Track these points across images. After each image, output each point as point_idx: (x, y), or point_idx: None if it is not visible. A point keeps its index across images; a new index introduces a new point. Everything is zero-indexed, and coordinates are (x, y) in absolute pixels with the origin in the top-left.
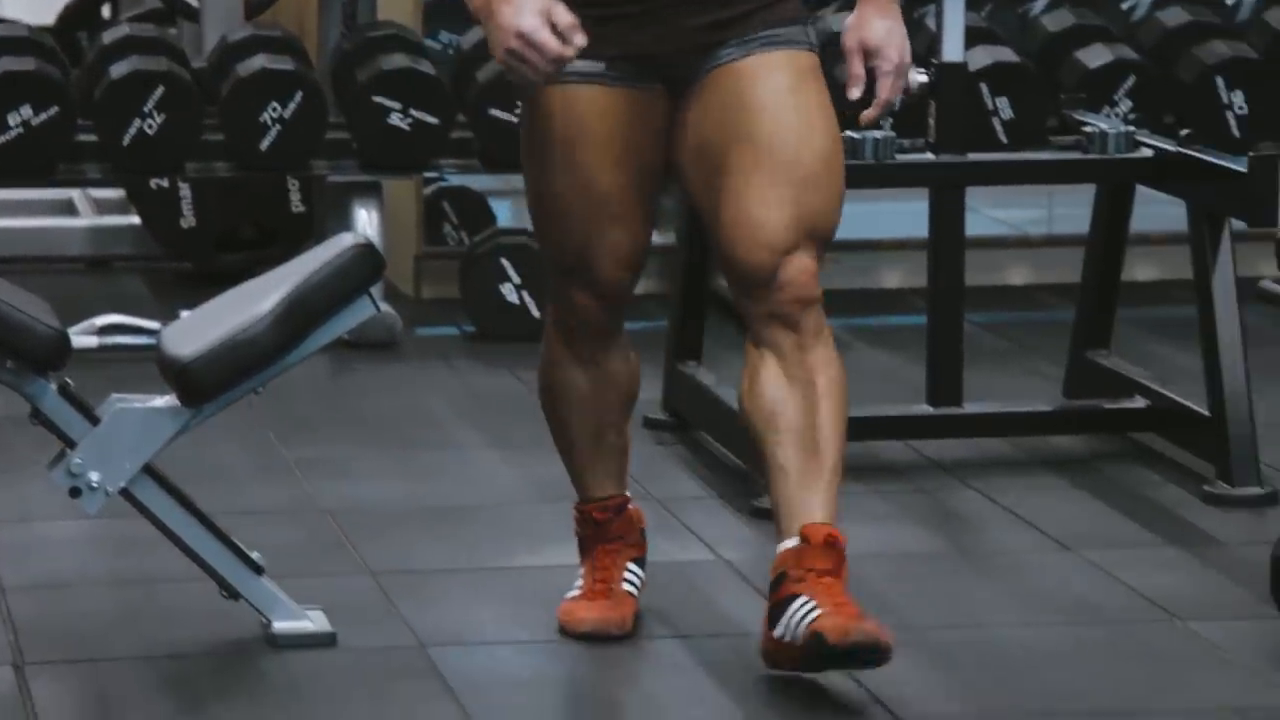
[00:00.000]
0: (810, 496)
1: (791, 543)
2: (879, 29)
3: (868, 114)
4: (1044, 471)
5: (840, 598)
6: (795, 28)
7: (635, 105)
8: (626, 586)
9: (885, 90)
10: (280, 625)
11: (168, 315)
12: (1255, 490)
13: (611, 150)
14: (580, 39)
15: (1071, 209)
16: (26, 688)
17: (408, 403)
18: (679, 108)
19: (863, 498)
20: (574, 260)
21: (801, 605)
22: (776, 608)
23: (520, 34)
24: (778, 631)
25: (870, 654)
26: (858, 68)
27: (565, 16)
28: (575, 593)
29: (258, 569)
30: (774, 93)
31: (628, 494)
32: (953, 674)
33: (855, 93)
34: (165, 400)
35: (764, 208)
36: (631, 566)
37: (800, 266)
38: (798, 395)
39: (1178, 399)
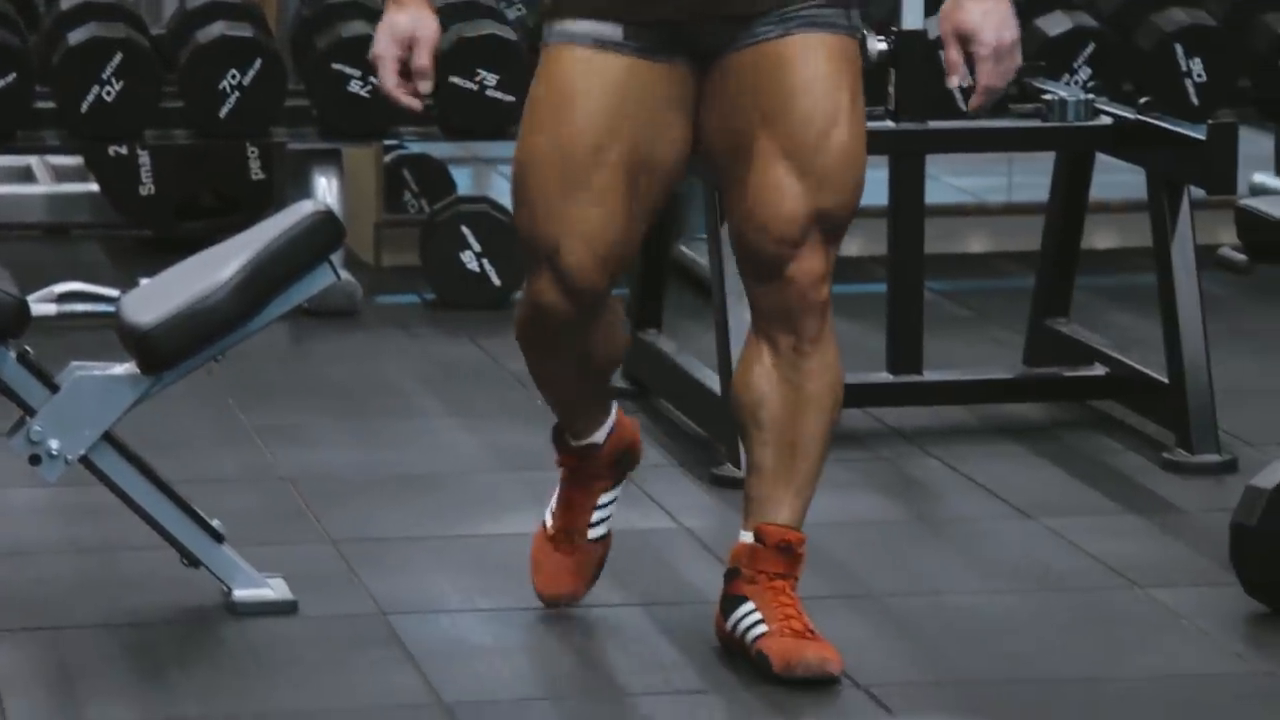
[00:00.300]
0: (775, 497)
1: (748, 538)
2: (974, 12)
3: (972, 102)
4: (1004, 439)
5: (789, 608)
6: (836, 10)
7: (653, 79)
8: (594, 533)
9: (985, 76)
10: (241, 593)
11: (127, 283)
12: (1214, 457)
13: (612, 124)
14: (426, 86)
15: (1031, 177)
16: None
17: (368, 371)
18: (707, 88)
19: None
20: (544, 243)
21: (749, 614)
22: (728, 601)
23: (374, 55)
24: (728, 625)
25: (814, 682)
26: (955, 54)
27: (422, 59)
28: (550, 521)
29: (218, 537)
30: (807, 80)
31: (598, 441)
32: (913, 641)
33: (954, 81)
34: (125, 368)
35: (780, 198)
36: (603, 500)
37: (808, 268)
38: (785, 395)
39: (1137, 366)
